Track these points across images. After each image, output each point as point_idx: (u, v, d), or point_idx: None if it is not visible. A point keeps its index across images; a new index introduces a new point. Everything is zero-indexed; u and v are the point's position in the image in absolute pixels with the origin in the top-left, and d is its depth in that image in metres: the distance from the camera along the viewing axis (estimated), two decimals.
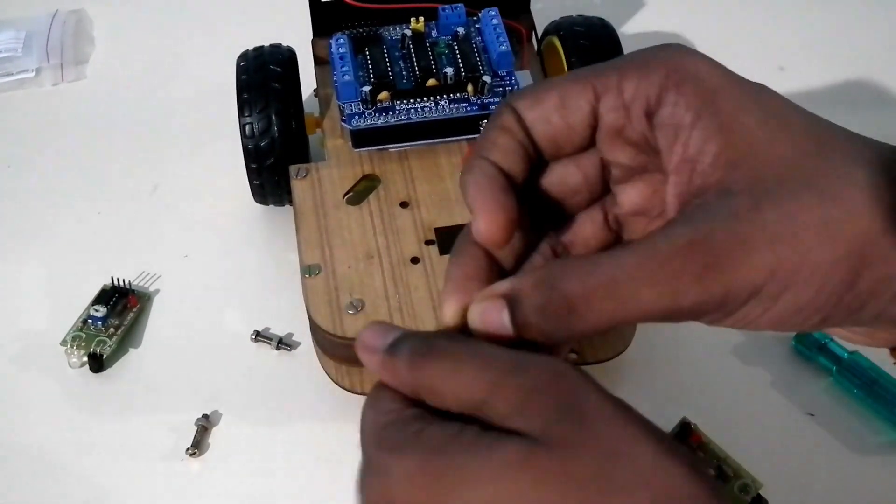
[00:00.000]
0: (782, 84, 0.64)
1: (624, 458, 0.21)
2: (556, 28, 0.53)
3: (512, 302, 0.23)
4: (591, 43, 0.50)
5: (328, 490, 0.42)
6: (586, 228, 0.27)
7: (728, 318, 0.24)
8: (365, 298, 0.41)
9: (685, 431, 0.42)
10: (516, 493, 0.20)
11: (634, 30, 0.65)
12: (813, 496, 0.42)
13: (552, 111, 0.25)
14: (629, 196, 0.27)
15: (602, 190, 0.27)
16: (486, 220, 0.24)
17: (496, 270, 0.26)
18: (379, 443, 0.23)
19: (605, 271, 0.23)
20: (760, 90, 0.25)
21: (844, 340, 0.28)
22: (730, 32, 0.64)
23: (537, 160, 0.26)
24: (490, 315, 0.23)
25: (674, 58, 0.24)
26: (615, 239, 0.28)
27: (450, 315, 0.25)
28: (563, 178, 0.27)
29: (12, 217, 0.55)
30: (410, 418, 0.23)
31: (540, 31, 0.55)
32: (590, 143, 0.26)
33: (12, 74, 0.63)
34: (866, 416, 0.44)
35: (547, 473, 0.20)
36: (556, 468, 0.20)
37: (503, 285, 0.24)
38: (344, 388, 0.44)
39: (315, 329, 0.42)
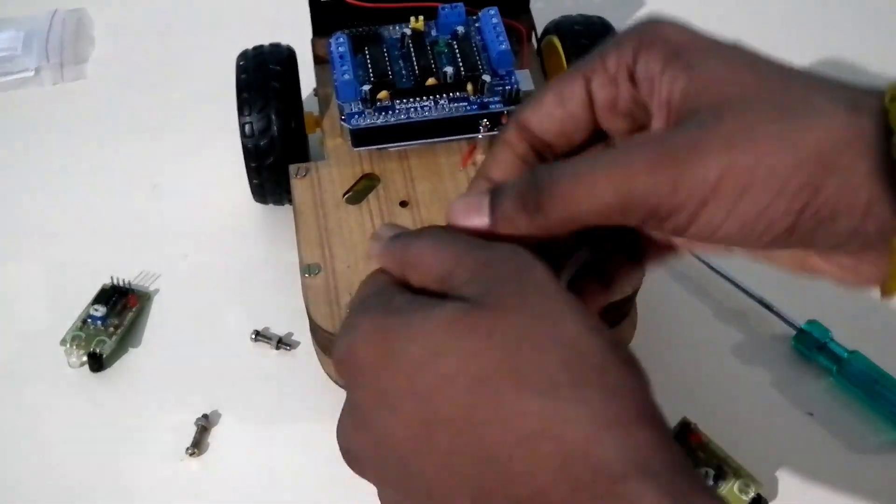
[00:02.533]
0: None
1: (548, 322, 0.23)
2: (555, 27, 0.53)
3: (494, 192, 0.27)
4: (591, 43, 0.50)
5: (328, 490, 0.42)
6: None
7: (692, 223, 0.25)
8: None
9: (685, 431, 0.42)
10: (445, 345, 0.23)
11: None
12: (813, 495, 0.42)
13: (552, 108, 0.28)
14: None
15: None
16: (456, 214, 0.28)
17: None
18: (357, 306, 0.27)
19: (573, 165, 0.26)
20: (730, 44, 0.27)
21: (834, 281, 0.28)
22: (730, 33, 0.64)
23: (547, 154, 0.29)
24: (471, 205, 0.27)
25: (644, 27, 0.27)
26: None
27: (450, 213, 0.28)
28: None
29: (12, 217, 0.55)
30: (389, 290, 0.26)
31: (540, 31, 0.54)
32: (592, 125, 0.28)
33: (12, 74, 0.63)
34: (866, 416, 0.44)
35: (475, 328, 0.23)
36: (485, 325, 0.23)
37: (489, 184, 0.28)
38: (344, 387, 0.44)
39: (315, 329, 0.42)
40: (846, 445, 0.43)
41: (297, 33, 0.52)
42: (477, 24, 0.50)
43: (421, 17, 0.50)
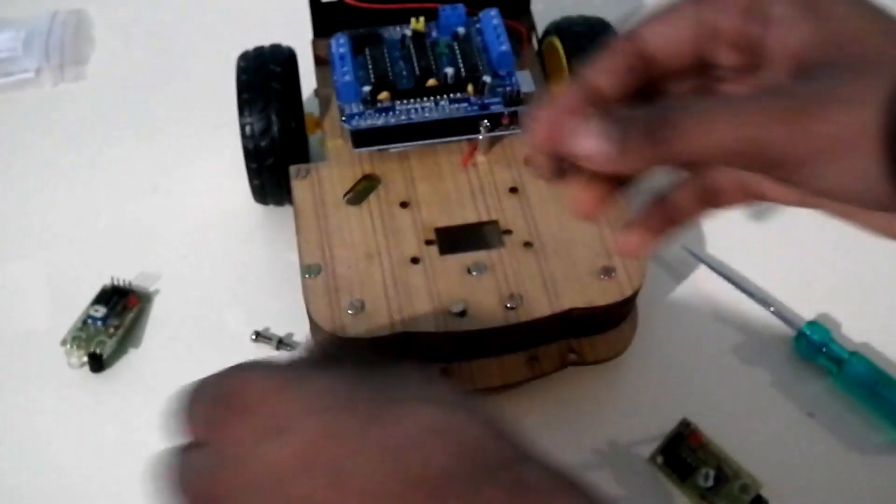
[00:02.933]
0: None
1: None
2: (556, 28, 0.53)
3: (623, 117, 0.26)
4: (591, 43, 0.50)
5: None
6: None
7: (814, 178, 0.24)
8: (365, 298, 0.41)
9: (685, 431, 0.42)
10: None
11: None
12: (813, 496, 0.42)
13: (665, 25, 0.28)
14: (730, 90, 0.29)
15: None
16: (541, 122, 0.27)
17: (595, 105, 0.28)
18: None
19: (704, 103, 0.25)
20: None
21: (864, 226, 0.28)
22: None
23: (645, 78, 0.28)
24: (599, 128, 0.26)
25: None
26: None
27: (538, 135, 0.27)
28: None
29: (12, 217, 0.55)
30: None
31: (540, 31, 0.55)
32: (700, 53, 0.28)
33: (12, 75, 0.63)
34: (866, 417, 0.44)
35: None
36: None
37: (613, 112, 0.26)
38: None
39: (315, 329, 0.42)
40: (846, 446, 0.43)
41: (297, 34, 0.52)
42: (477, 25, 0.50)
43: (421, 18, 0.50)
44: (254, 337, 0.47)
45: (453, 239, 0.44)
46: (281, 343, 0.47)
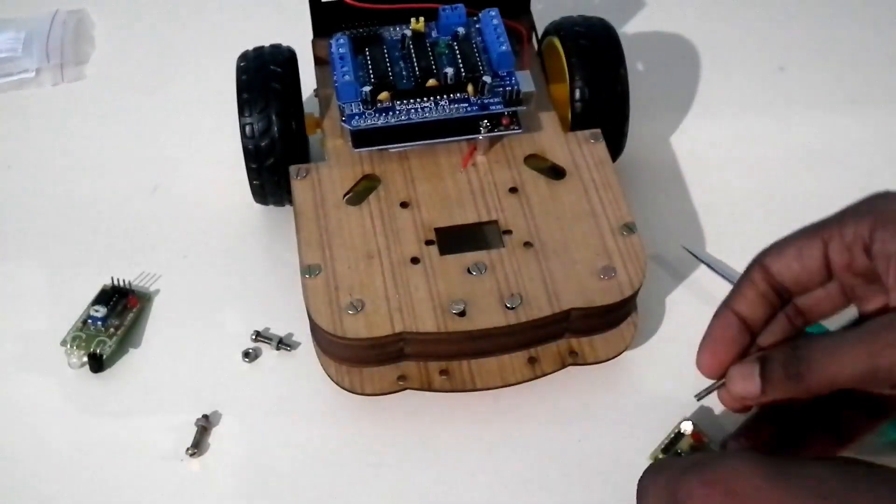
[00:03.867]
0: (782, 84, 0.64)
1: None
2: (556, 28, 0.53)
3: (763, 359, 0.32)
4: (591, 43, 0.50)
5: (328, 490, 0.42)
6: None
7: None
8: (365, 298, 0.41)
9: (686, 431, 0.42)
10: None
11: (634, 30, 0.65)
12: None
13: (792, 261, 0.33)
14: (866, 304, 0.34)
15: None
16: (705, 355, 0.34)
17: (746, 331, 0.34)
18: None
19: (828, 341, 0.31)
20: None
21: None
22: (730, 32, 0.64)
23: (784, 299, 0.34)
24: (745, 372, 0.32)
25: (878, 204, 0.32)
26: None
27: (706, 367, 0.34)
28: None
29: (12, 217, 0.55)
30: None
31: (540, 32, 0.55)
32: (827, 279, 0.33)
33: (12, 75, 0.63)
34: None
35: None
36: None
37: (756, 354, 0.33)
38: (344, 388, 0.44)
39: (315, 329, 0.42)
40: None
41: (297, 34, 0.52)
42: (477, 25, 0.50)
43: (421, 18, 0.50)
44: (254, 337, 0.47)
45: (453, 239, 0.44)
46: (281, 343, 0.47)
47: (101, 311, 0.48)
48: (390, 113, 0.47)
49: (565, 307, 0.41)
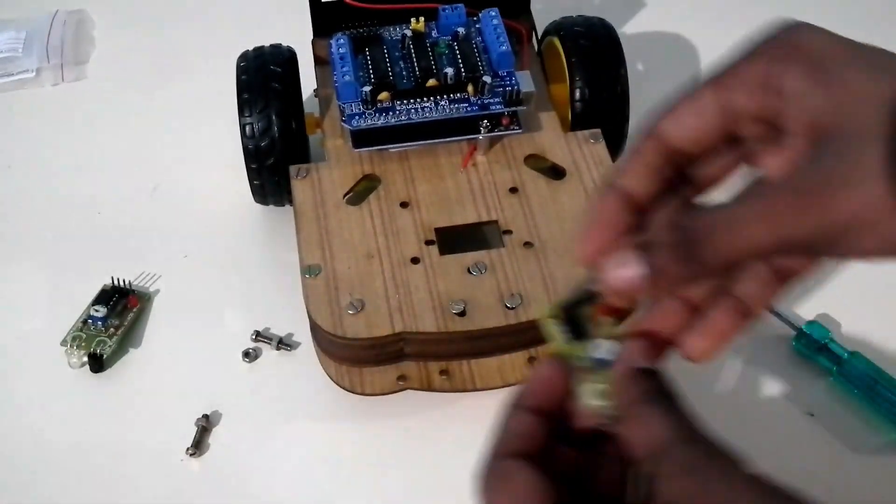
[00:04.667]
0: None
1: None
2: (556, 28, 0.53)
3: (646, 246, 0.26)
4: (591, 43, 0.50)
5: (328, 490, 0.42)
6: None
7: (847, 252, 0.25)
8: (365, 298, 0.41)
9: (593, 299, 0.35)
10: None
11: (634, 30, 0.65)
12: (813, 496, 0.42)
13: (685, 116, 0.28)
14: (764, 163, 0.29)
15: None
16: (585, 241, 0.28)
17: (632, 210, 0.28)
18: None
19: (723, 212, 0.26)
20: (873, 50, 0.26)
21: None
22: (730, 32, 0.64)
23: (677, 168, 0.29)
24: (623, 260, 0.27)
25: (780, 35, 0.27)
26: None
27: (586, 255, 0.28)
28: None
29: (12, 217, 0.55)
30: None
31: (540, 32, 0.55)
32: (724, 136, 0.28)
33: (12, 75, 0.63)
34: (866, 416, 0.44)
35: None
36: None
37: (636, 239, 0.27)
38: (344, 388, 0.44)
39: (315, 329, 0.42)
40: (846, 445, 0.43)
41: (297, 34, 0.52)
42: (477, 25, 0.50)
43: (421, 18, 0.50)
44: (254, 337, 0.47)
45: (453, 239, 0.44)
46: (281, 343, 0.47)
47: (101, 311, 0.48)
48: (390, 113, 0.47)
49: None
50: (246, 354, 0.47)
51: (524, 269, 0.43)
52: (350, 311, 0.41)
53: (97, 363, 0.46)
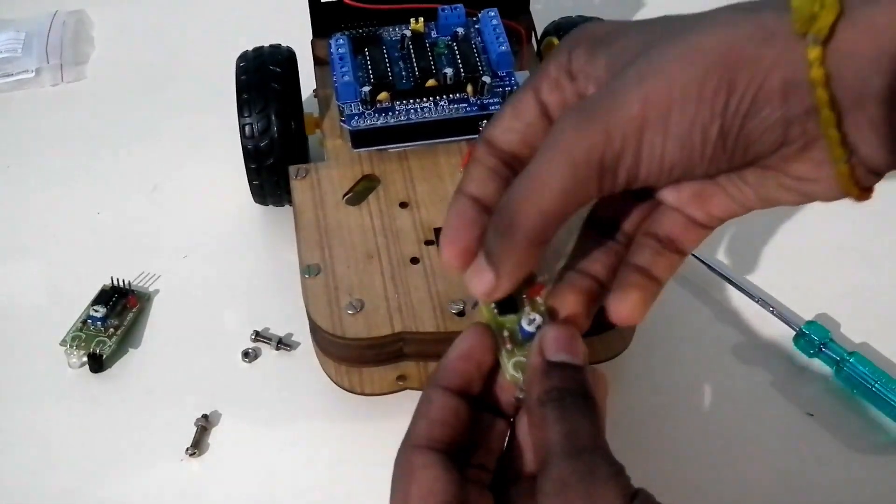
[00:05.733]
0: None
1: None
2: (555, 28, 0.53)
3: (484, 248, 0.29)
4: None
5: (328, 490, 0.42)
6: None
7: (640, 162, 0.26)
8: (365, 298, 0.41)
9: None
10: None
11: None
12: (813, 496, 0.42)
13: (511, 122, 0.30)
14: None
15: None
16: (447, 248, 0.30)
17: (483, 212, 0.30)
18: None
19: (521, 175, 0.28)
20: (650, 20, 0.29)
21: (798, 200, 0.28)
22: None
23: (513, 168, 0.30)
24: (476, 268, 0.29)
25: (573, 31, 0.30)
26: None
27: (452, 259, 0.30)
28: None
29: (12, 217, 0.55)
30: None
31: (540, 32, 0.55)
32: (547, 127, 0.30)
33: (12, 75, 0.63)
34: (866, 416, 0.44)
35: None
36: None
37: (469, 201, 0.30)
38: (343, 388, 0.44)
39: (315, 329, 0.42)
40: (846, 445, 0.43)
41: (296, 34, 0.52)
42: (477, 26, 0.50)
43: (421, 19, 0.50)
44: (254, 337, 0.47)
45: None
46: (280, 343, 0.47)
47: (100, 311, 0.48)
48: (390, 113, 0.47)
49: None
50: (245, 354, 0.47)
51: None
52: (349, 311, 0.41)
53: (97, 363, 0.46)
